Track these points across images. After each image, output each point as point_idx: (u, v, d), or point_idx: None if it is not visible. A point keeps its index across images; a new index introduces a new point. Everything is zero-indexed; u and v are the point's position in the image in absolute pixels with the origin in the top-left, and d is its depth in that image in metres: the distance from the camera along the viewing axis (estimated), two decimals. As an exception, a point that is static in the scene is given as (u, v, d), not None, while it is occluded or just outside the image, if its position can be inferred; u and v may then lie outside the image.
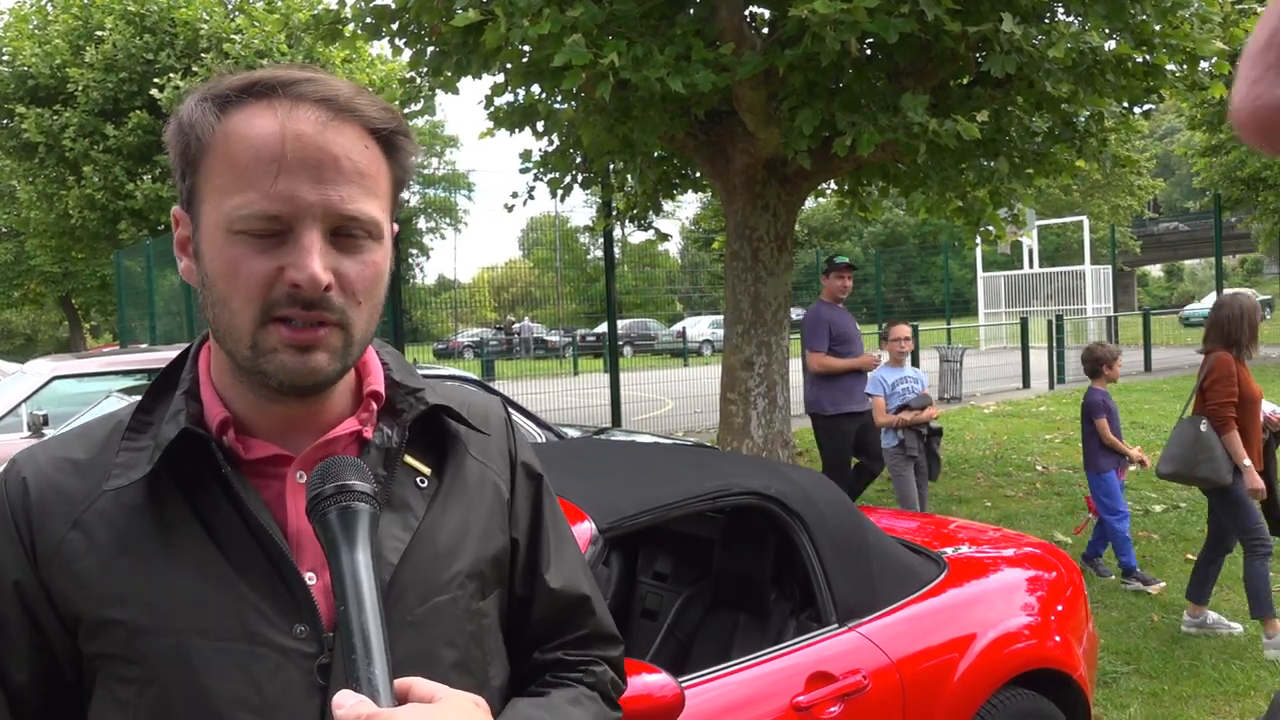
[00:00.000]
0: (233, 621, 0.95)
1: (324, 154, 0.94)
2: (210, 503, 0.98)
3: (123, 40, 17.56)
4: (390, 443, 1.06)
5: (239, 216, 0.93)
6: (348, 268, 0.96)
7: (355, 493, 0.90)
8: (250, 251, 0.94)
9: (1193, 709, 4.14)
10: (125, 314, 18.68)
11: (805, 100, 6.12)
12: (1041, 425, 12.14)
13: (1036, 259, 28.17)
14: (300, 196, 0.93)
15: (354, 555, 0.87)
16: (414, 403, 1.08)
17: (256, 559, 0.97)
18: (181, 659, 0.95)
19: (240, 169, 0.93)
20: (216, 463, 0.98)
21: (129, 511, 0.98)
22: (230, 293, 0.95)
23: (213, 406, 1.02)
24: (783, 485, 2.76)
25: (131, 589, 0.96)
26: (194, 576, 0.96)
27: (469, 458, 1.13)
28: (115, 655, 0.96)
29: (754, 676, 2.45)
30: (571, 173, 8.12)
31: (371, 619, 0.84)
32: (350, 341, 0.98)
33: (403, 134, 1.01)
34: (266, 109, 0.94)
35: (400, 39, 6.97)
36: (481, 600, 1.08)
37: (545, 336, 24.97)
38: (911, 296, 38.31)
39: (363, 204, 0.96)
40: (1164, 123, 52.47)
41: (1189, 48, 6.43)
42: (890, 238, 47.22)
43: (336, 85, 0.97)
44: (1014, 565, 3.30)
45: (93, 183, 17.97)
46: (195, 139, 0.96)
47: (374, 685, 0.81)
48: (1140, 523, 7.02)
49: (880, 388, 6.29)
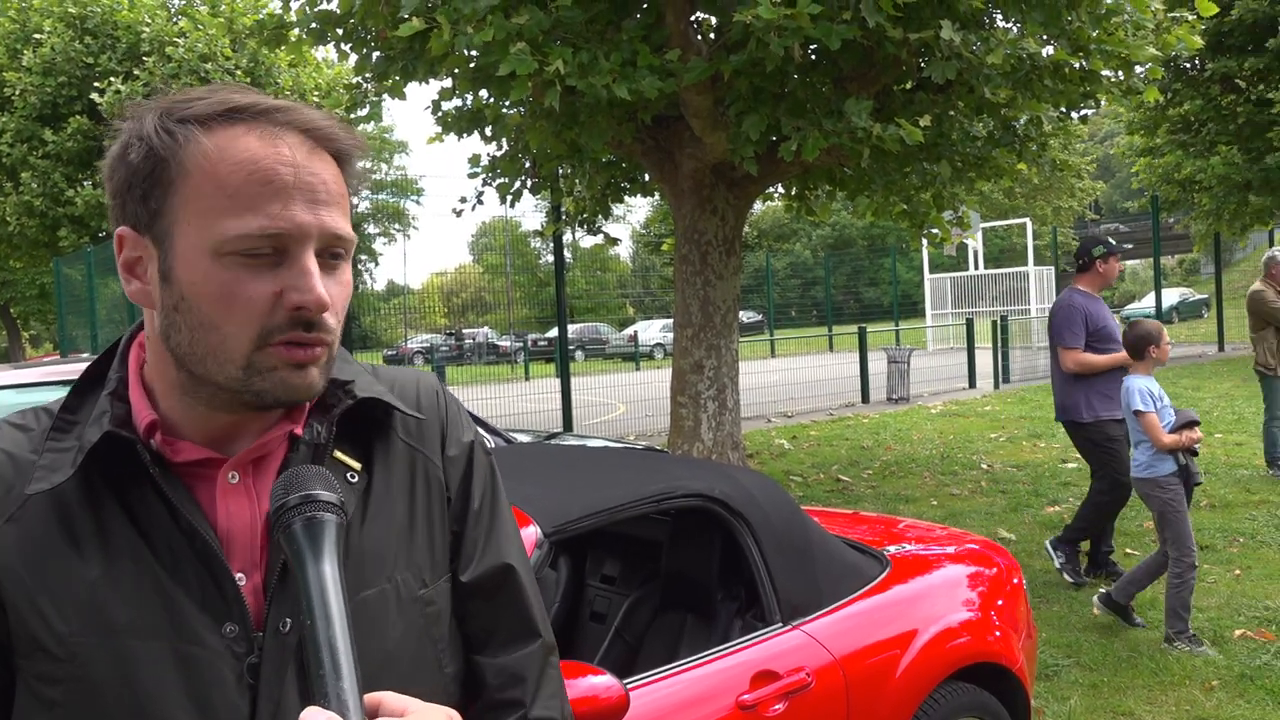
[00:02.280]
0: (163, 620, 0.95)
1: (315, 178, 0.97)
2: (141, 503, 0.98)
3: (62, 43, 17.22)
4: (319, 439, 1.05)
5: (234, 237, 0.93)
6: (333, 288, 0.99)
7: (321, 503, 0.90)
8: (245, 275, 0.94)
9: (1131, 699, 4.25)
10: (65, 323, 18.32)
11: (751, 105, 6.19)
12: (987, 425, 12.33)
13: (981, 261, 28.61)
14: (299, 219, 0.95)
15: (320, 568, 0.86)
16: (342, 396, 1.07)
17: (187, 559, 0.97)
18: (112, 657, 0.94)
19: (233, 191, 0.94)
20: (144, 464, 0.98)
21: (60, 511, 0.98)
22: (222, 318, 0.95)
23: (140, 408, 1.02)
24: (727, 486, 2.80)
25: (62, 588, 0.96)
26: (125, 576, 0.96)
27: (402, 444, 1.12)
28: (41, 653, 0.95)
29: (700, 676, 2.48)
30: (520, 177, 8.12)
31: (339, 633, 0.83)
32: (332, 356, 1.01)
33: (361, 159, 1.05)
34: (252, 132, 0.96)
35: (346, 44, 6.93)
36: (424, 588, 1.08)
37: (496, 342, 24.89)
38: (860, 298, 38.73)
39: (344, 225, 1.00)
40: (1104, 126, 53.52)
41: (1123, 54, 6.59)
42: (839, 240, 47.69)
43: (314, 114, 1.00)
44: (956, 562, 3.37)
45: (31, 189, 17.60)
46: (170, 160, 0.95)
47: (343, 701, 0.80)
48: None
49: (1150, 401, 4.85)
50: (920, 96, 6.97)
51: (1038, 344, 19.60)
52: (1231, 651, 4.68)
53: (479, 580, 1.14)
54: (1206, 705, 4.15)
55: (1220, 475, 8.36)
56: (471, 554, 1.15)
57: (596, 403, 15.85)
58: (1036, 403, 14.16)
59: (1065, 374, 5.76)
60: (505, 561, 1.17)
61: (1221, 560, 6.03)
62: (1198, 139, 18.72)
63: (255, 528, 1.01)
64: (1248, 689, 4.27)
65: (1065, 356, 5.71)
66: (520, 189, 8.29)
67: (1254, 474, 8.34)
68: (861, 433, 12.21)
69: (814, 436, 12.09)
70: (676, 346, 7.72)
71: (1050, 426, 11.63)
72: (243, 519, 1.01)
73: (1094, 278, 5.90)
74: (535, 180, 8.32)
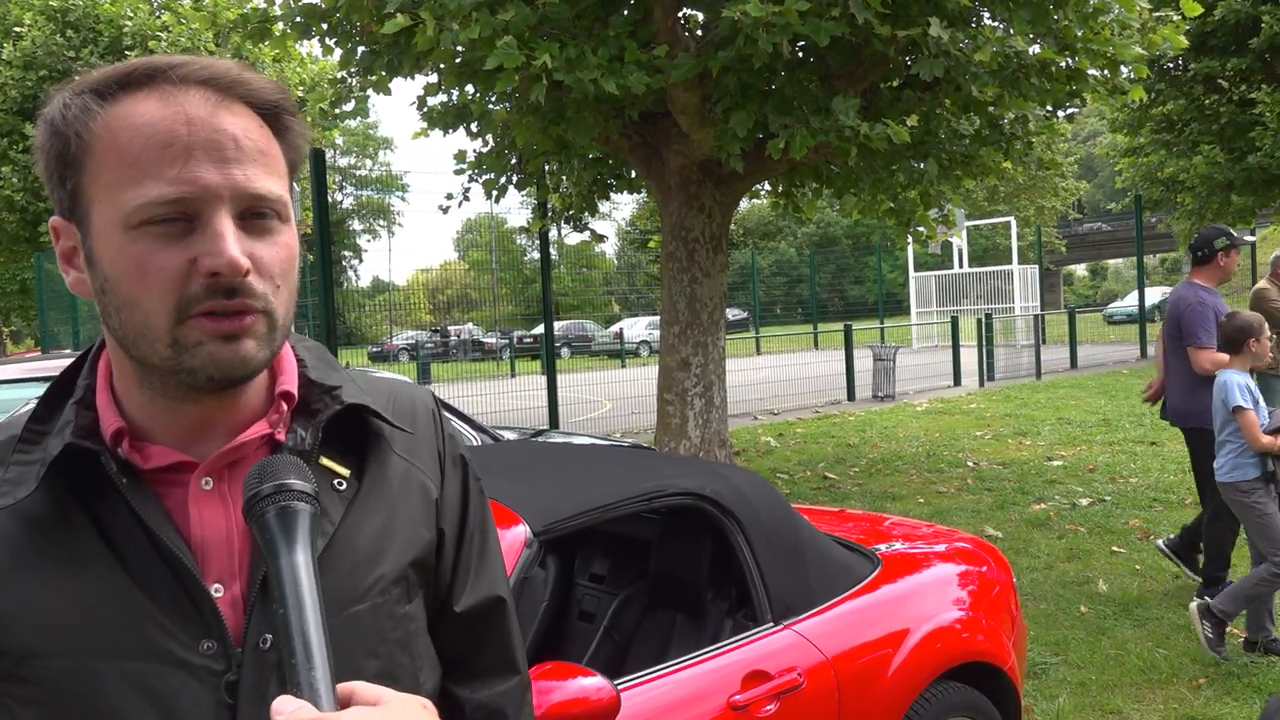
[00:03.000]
0: (136, 640, 0.91)
1: (222, 134, 0.90)
2: (110, 516, 0.94)
3: (42, 37, 17.07)
4: (304, 445, 1.00)
5: (137, 207, 0.88)
6: (261, 250, 0.92)
7: (294, 492, 0.87)
8: (156, 245, 0.89)
9: (1119, 697, 4.25)
10: (47, 319, 18.18)
11: (739, 102, 6.17)
12: (972, 422, 12.36)
13: (966, 259, 28.71)
14: (204, 179, 0.88)
15: (293, 557, 0.85)
16: (329, 401, 1.03)
17: (160, 574, 0.92)
18: (81, 680, 0.90)
19: (132, 159, 0.89)
20: (110, 475, 0.94)
21: (25, 527, 0.93)
22: (139, 293, 0.90)
23: (107, 415, 0.97)
24: (718, 485, 2.78)
25: (26, 607, 0.91)
26: (95, 594, 0.91)
27: (394, 456, 1.08)
28: (12, 676, 0.91)
29: (691, 677, 2.46)
30: (506, 174, 8.09)
31: (312, 622, 0.82)
32: (274, 327, 0.94)
33: (290, 113, 0.98)
34: (152, 95, 0.90)
35: (331, 38, 6.88)
36: (408, 604, 1.05)
37: (482, 339, 24.81)
38: (845, 296, 38.81)
39: (268, 182, 0.92)
40: (1087, 125, 53.82)
41: (1109, 53, 6.61)
42: (824, 238, 47.78)
43: (221, 64, 0.93)
44: (946, 560, 3.36)
45: (11, 184, 17.46)
46: (74, 137, 0.91)
47: (315, 689, 0.79)
48: (1067, 516, 7.18)
49: (1248, 396, 4.50)
50: (908, 94, 6.97)
51: (1021, 342, 19.68)
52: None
53: (470, 610, 1.13)
54: (1194, 703, 4.15)
55: (1204, 473, 8.39)
56: (464, 582, 1.13)
57: (582, 400, 15.82)
58: (1021, 400, 14.21)
59: (1192, 377, 5.20)
60: (497, 594, 1.16)
61: (1207, 558, 6.04)
62: (1181, 139, 18.81)
63: (232, 536, 0.96)
64: (1235, 687, 4.28)
65: (1200, 357, 5.12)
66: (506, 185, 8.26)
67: (1238, 472, 8.37)
68: (847, 430, 12.22)
69: (800, 434, 12.09)
70: (663, 344, 7.70)
71: (1035, 425, 11.68)
72: (218, 527, 0.96)
73: (1214, 271, 5.41)
74: (521, 176, 8.29)
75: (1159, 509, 7.28)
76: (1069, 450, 9.92)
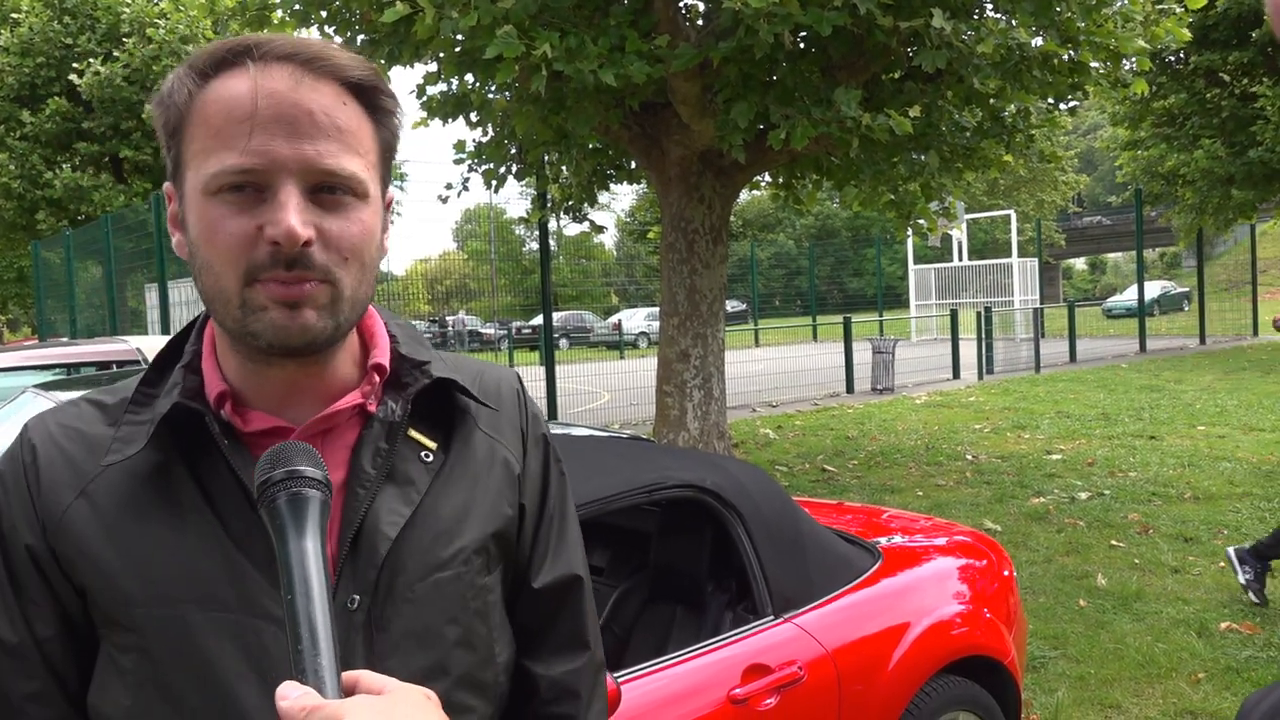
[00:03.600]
0: (230, 592, 0.96)
1: (298, 109, 0.93)
2: (211, 475, 0.99)
3: (40, 23, 17.00)
4: (394, 416, 1.05)
5: (213, 175, 0.93)
6: (330, 224, 0.95)
7: (305, 479, 0.88)
8: (229, 212, 0.93)
9: (1118, 691, 4.24)
10: (44, 306, 18.14)
11: (740, 93, 6.14)
12: (971, 415, 12.36)
13: (965, 252, 28.69)
14: (274, 151, 0.92)
15: (302, 543, 0.86)
16: (419, 375, 1.07)
17: (255, 530, 0.96)
18: (177, 629, 0.95)
19: (215, 130, 0.93)
20: (214, 435, 0.99)
21: (132, 483, 0.99)
22: (212, 256, 0.94)
23: (212, 379, 1.02)
24: (718, 478, 2.76)
25: (130, 559, 0.97)
26: (193, 547, 0.97)
27: (478, 432, 1.12)
28: (115, 624, 0.97)
29: (690, 670, 2.44)
30: (506, 164, 8.06)
31: (319, 609, 0.82)
32: (339, 298, 0.96)
33: (384, 92, 1.00)
34: (240, 71, 0.94)
35: (330, 26, 6.85)
36: (487, 575, 1.08)
37: (480, 329, 24.80)
38: (844, 289, 38.81)
39: (342, 160, 0.95)
40: (1088, 119, 53.73)
41: (1112, 45, 6.58)
42: (823, 230, 47.74)
43: (308, 41, 0.96)
44: (946, 554, 3.35)
45: (9, 171, 17.39)
46: (174, 109, 0.96)
47: (320, 676, 0.80)
48: (1066, 510, 7.18)
49: None
50: (909, 86, 6.94)
51: (1020, 336, 19.68)
52: (1217, 644, 4.68)
53: (548, 587, 1.17)
54: (1193, 698, 4.15)
55: (1204, 467, 8.39)
56: (543, 558, 1.17)
57: (580, 391, 15.80)
58: (1020, 394, 14.21)
59: None
60: (575, 572, 1.19)
61: (1206, 552, 6.04)
62: (1181, 132, 18.77)
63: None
64: (1234, 681, 4.27)
65: None
66: (506, 175, 8.22)
67: (1237, 466, 8.38)
68: (846, 423, 12.21)
69: (799, 426, 12.08)
70: (662, 335, 7.68)
71: (1034, 418, 11.67)
72: None
73: None
74: (521, 166, 8.26)
75: (1158, 503, 7.27)
76: (1068, 444, 9.91)
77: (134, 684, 0.97)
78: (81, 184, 17.17)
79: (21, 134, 17.36)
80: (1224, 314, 25.09)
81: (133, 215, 13.61)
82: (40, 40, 17.07)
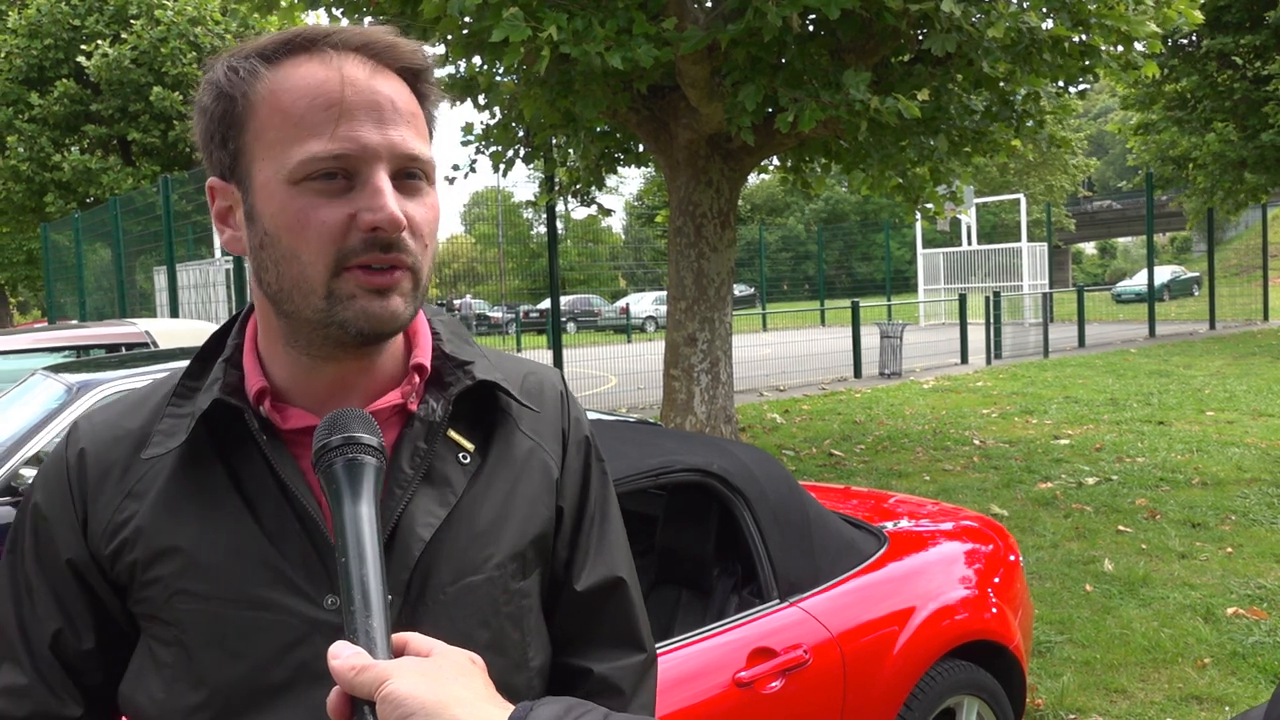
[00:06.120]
0: (264, 590, 0.96)
1: (380, 96, 0.94)
2: (249, 471, 1.00)
3: (48, 5, 16.99)
4: (434, 416, 1.04)
5: (300, 163, 0.92)
6: (413, 209, 0.96)
7: (362, 445, 0.89)
8: (318, 200, 0.93)
9: (1123, 677, 4.25)
10: (53, 289, 18.19)
11: (748, 76, 6.12)
12: (979, 400, 12.34)
13: (975, 237, 28.58)
14: (365, 138, 0.93)
15: (357, 508, 0.87)
16: (461, 376, 1.06)
17: (291, 529, 0.98)
18: (211, 624, 0.97)
19: (296, 119, 0.93)
20: (252, 432, 0.99)
21: (172, 476, 1.00)
22: (299, 245, 0.94)
23: (252, 375, 1.02)
24: (725, 462, 2.76)
25: (168, 555, 0.98)
26: (228, 543, 0.97)
27: (519, 434, 1.11)
28: (155, 617, 0.99)
29: (696, 653, 2.45)
30: (514, 146, 8.05)
31: (372, 572, 0.84)
32: (418, 285, 0.98)
33: (431, 80, 1.02)
34: (313, 59, 0.95)
35: (337, 9, 6.83)
36: (522, 580, 1.07)
37: (488, 313, 24.81)
38: (853, 273, 38.71)
39: (419, 144, 0.97)
40: (1098, 103, 53.40)
41: (1123, 28, 6.53)
42: (832, 215, 47.58)
43: (376, 31, 0.98)
44: (952, 539, 3.35)
45: (17, 154, 17.41)
46: (240, 98, 0.95)
47: (371, 637, 0.81)
48: (1073, 495, 7.17)
49: None
50: (918, 69, 6.91)
51: (1029, 320, 19.62)
52: (1224, 629, 4.68)
53: (590, 589, 1.15)
54: (1199, 683, 4.15)
55: (1212, 453, 8.37)
56: (584, 561, 1.15)
57: (588, 375, 15.82)
58: (1028, 379, 14.18)
59: None
60: (617, 574, 1.18)
61: (1214, 538, 6.03)
62: (1193, 116, 18.64)
63: None
64: (1240, 667, 4.28)
65: None
66: (514, 158, 8.21)
67: (1246, 451, 8.36)
68: (854, 407, 12.20)
69: (806, 411, 12.08)
70: (670, 319, 7.67)
71: (1042, 403, 11.65)
72: None
73: None
74: (529, 149, 8.25)
75: (1166, 489, 7.26)
76: (1076, 429, 9.89)
77: (171, 678, 0.98)
78: (90, 166, 17.19)
79: (30, 116, 17.38)
80: (1234, 299, 24.97)
81: (141, 198, 13.63)
82: (48, 22, 17.06)
